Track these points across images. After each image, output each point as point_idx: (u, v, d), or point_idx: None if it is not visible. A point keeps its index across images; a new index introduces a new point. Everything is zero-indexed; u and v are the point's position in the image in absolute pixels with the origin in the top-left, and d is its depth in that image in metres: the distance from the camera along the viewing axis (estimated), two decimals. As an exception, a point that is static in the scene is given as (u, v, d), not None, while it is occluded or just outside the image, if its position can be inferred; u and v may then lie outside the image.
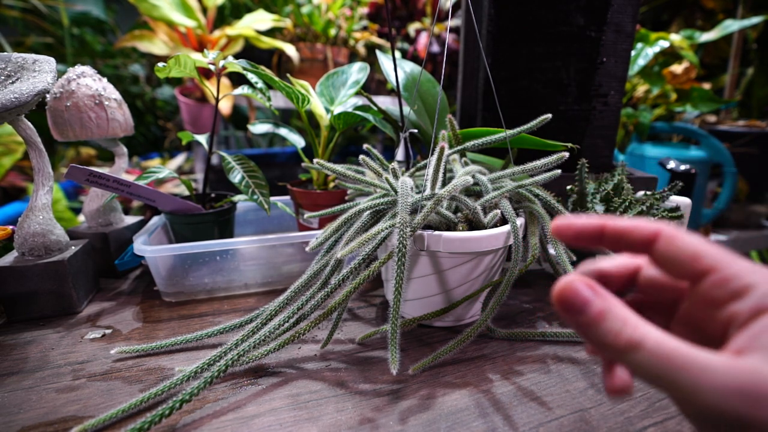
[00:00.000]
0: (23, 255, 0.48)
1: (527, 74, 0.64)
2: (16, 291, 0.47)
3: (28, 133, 0.47)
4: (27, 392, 0.36)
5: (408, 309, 0.46)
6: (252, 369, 0.40)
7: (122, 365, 0.40)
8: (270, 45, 1.12)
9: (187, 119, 1.22)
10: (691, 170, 0.83)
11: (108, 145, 0.59)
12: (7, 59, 0.45)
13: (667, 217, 0.50)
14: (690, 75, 1.26)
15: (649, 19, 2.10)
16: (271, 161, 1.67)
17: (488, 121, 0.66)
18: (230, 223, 0.62)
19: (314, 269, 0.42)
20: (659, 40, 1.20)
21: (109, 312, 0.50)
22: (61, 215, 1.09)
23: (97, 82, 0.56)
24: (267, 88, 0.58)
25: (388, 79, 0.59)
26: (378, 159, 0.50)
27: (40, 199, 0.49)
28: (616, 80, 0.67)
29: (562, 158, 0.42)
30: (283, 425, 0.33)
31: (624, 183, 0.54)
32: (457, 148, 0.48)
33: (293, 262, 0.57)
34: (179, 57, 0.49)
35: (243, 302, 0.53)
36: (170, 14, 1.03)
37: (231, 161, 0.57)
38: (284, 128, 0.65)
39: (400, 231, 0.35)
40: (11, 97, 0.41)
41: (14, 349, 0.43)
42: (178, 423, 0.33)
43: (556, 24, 0.62)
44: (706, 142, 1.27)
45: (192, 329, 0.46)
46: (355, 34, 1.29)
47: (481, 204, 0.43)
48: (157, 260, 0.51)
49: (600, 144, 0.70)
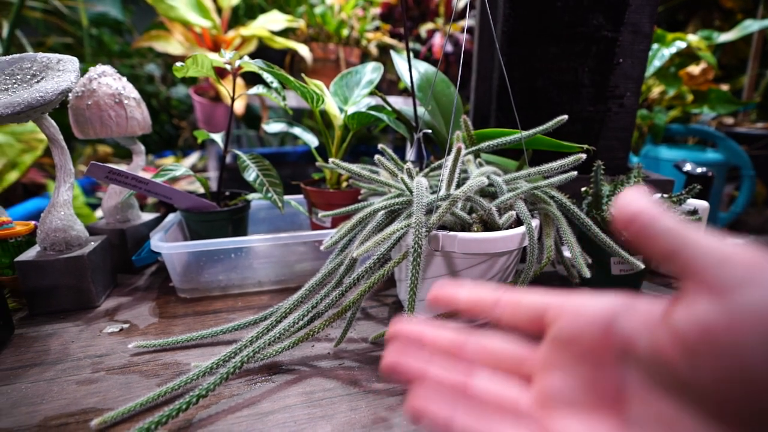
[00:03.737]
0: (45, 250, 0.49)
1: (542, 75, 0.64)
2: (37, 285, 0.48)
3: (51, 131, 0.49)
4: (49, 383, 0.37)
5: (421, 309, 0.46)
6: (266, 366, 0.40)
7: (140, 359, 0.41)
8: (283, 45, 1.13)
9: (201, 118, 1.24)
10: (708, 173, 0.82)
11: (126, 143, 0.61)
12: (32, 59, 0.46)
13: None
14: (707, 76, 1.24)
15: (665, 19, 2.07)
16: (282, 160, 1.68)
17: (502, 121, 0.65)
18: (244, 221, 0.63)
19: (328, 268, 0.42)
20: (676, 40, 1.19)
21: (127, 307, 0.51)
22: (79, 211, 1.12)
23: (117, 81, 0.57)
24: (282, 87, 0.58)
25: (402, 79, 0.59)
26: (393, 159, 0.51)
27: (61, 196, 0.50)
28: (632, 81, 0.66)
29: (579, 160, 0.42)
30: (298, 422, 0.33)
31: (640, 185, 0.53)
32: (472, 149, 0.48)
33: (306, 261, 0.58)
34: (197, 57, 0.50)
35: (256, 299, 0.54)
36: (186, 15, 1.05)
37: (246, 160, 0.58)
38: (298, 127, 0.66)
39: (415, 231, 0.35)
40: (37, 96, 0.42)
41: (36, 341, 0.44)
42: (195, 417, 0.33)
43: (573, 24, 0.61)
44: (723, 145, 1.25)
45: (207, 325, 0.47)
46: (368, 34, 1.29)
47: (496, 205, 0.43)
48: (172, 257, 0.52)
49: (615, 146, 0.69)
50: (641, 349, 0.16)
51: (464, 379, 0.20)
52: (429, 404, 0.19)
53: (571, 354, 0.18)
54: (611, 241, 0.45)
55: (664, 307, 0.16)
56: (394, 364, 0.21)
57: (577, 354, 0.18)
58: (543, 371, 0.19)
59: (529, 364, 0.20)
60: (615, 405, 0.16)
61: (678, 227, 0.16)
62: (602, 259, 0.52)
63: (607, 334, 0.17)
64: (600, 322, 0.17)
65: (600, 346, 0.17)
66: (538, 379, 0.19)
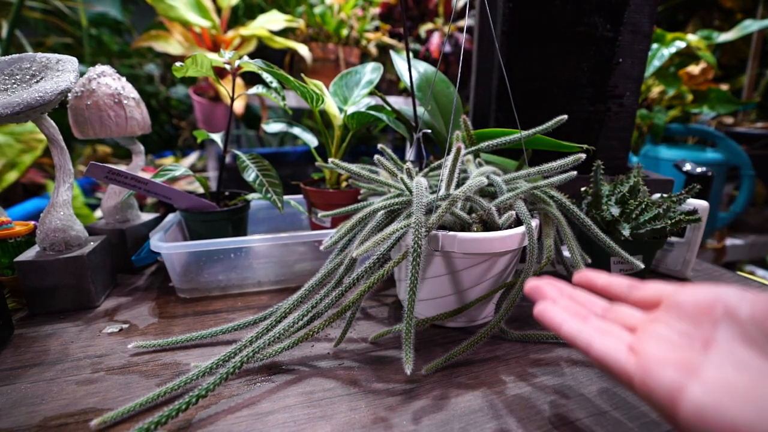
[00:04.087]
0: (44, 250, 0.49)
1: (542, 75, 0.64)
2: (37, 285, 0.48)
3: (50, 131, 0.49)
4: (48, 384, 0.37)
5: (421, 309, 0.46)
6: (266, 366, 0.40)
7: (139, 359, 0.41)
8: (283, 45, 1.13)
9: (200, 118, 1.24)
10: (708, 172, 0.82)
11: (126, 143, 0.61)
12: (32, 59, 0.46)
13: (685, 220, 0.50)
14: (707, 76, 1.24)
15: (665, 19, 2.07)
16: (282, 160, 1.69)
17: (502, 121, 0.65)
18: (244, 221, 0.63)
19: (328, 268, 0.42)
20: (675, 40, 1.19)
21: (126, 307, 0.51)
22: (79, 211, 1.12)
23: (116, 81, 0.57)
24: (281, 87, 0.58)
25: (402, 78, 0.59)
26: (392, 159, 0.51)
27: (61, 196, 0.50)
28: (632, 81, 0.66)
29: (579, 160, 0.42)
30: (297, 422, 0.33)
31: (640, 185, 0.53)
32: (471, 149, 0.48)
33: (305, 261, 0.58)
34: (196, 57, 0.50)
35: (256, 299, 0.54)
36: (186, 14, 1.04)
37: (245, 160, 0.58)
38: (297, 127, 0.66)
39: (415, 231, 0.35)
40: (36, 96, 0.42)
41: (36, 342, 0.44)
42: (194, 418, 0.33)
43: (572, 24, 0.61)
44: (723, 144, 1.25)
45: (206, 325, 0.47)
46: (367, 34, 1.29)
47: (496, 205, 0.43)
48: (172, 257, 0.52)
49: (615, 146, 0.69)
50: (742, 314, 0.21)
51: (584, 313, 0.28)
52: (551, 311, 0.28)
53: (676, 313, 0.24)
54: (611, 241, 0.45)
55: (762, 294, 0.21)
56: (538, 286, 0.31)
57: (681, 314, 0.23)
58: (649, 323, 0.25)
59: (638, 321, 0.26)
60: (701, 349, 0.22)
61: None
62: (602, 259, 0.52)
63: (715, 302, 0.22)
64: (712, 294, 0.23)
65: (703, 309, 0.22)
66: (642, 327, 0.25)
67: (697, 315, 0.23)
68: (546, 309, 0.28)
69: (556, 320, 0.28)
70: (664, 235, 0.51)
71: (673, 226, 0.49)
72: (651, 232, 0.50)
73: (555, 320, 0.28)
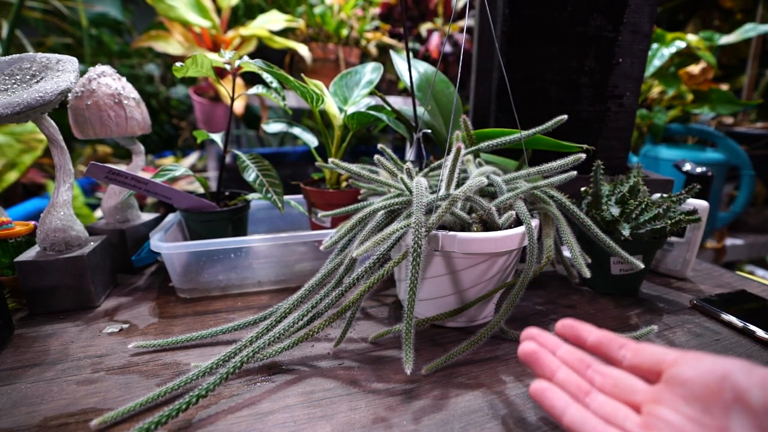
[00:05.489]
0: (44, 250, 0.49)
1: (542, 75, 0.64)
2: (37, 285, 0.48)
3: (50, 131, 0.49)
4: (49, 384, 0.37)
5: (421, 309, 0.46)
6: (266, 366, 0.40)
7: (139, 359, 0.41)
8: (283, 45, 1.13)
9: (200, 118, 1.24)
10: (708, 172, 0.82)
11: (126, 143, 0.61)
12: (32, 59, 0.46)
13: (685, 220, 0.50)
14: (707, 76, 1.24)
15: (665, 19, 2.07)
16: (282, 160, 1.68)
17: (501, 121, 0.65)
18: (244, 221, 0.63)
19: (328, 268, 0.42)
20: (675, 40, 1.19)
21: (126, 307, 0.51)
22: (79, 211, 1.12)
23: (116, 81, 0.57)
24: (281, 87, 0.58)
25: (402, 79, 0.59)
26: (392, 159, 0.51)
27: (61, 196, 0.50)
28: (632, 81, 0.66)
29: (578, 160, 0.42)
30: (297, 422, 0.33)
31: (640, 185, 0.53)
32: (471, 149, 0.48)
33: (305, 261, 0.58)
34: (196, 57, 0.50)
35: (256, 299, 0.54)
36: (186, 15, 1.04)
37: (246, 160, 0.58)
38: (298, 127, 0.66)
39: (415, 231, 0.35)
40: (36, 96, 0.42)
41: (36, 342, 0.44)
42: (195, 417, 0.33)
43: (572, 24, 0.61)
44: (723, 144, 1.25)
45: (206, 325, 0.47)
46: (367, 34, 1.29)
47: (496, 205, 0.43)
48: (172, 257, 0.52)
49: (615, 146, 0.69)
50: (754, 402, 0.19)
51: (584, 388, 0.26)
52: (550, 393, 0.26)
53: (682, 394, 0.22)
54: (611, 241, 0.45)
55: None
56: (533, 353, 0.27)
57: (687, 395, 0.22)
58: (653, 403, 0.23)
59: (641, 397, 0.24)
60: None
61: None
62: (602, 259, 0.52)
63: (722, 383, 0.20)
64: (718, 372, 0.21)
65: (711, 392, 0.21)
66: (647, 409, 0.23)
67: (705, 398, 0.21)
68: (545, 393, 0.26)
69: (557, 408, 0.25)
70: (664, 235, 0.51)
71: (673, 226, 0.49)
72: (651, 232, 0.50)
73: (556, 408, 0.25)
